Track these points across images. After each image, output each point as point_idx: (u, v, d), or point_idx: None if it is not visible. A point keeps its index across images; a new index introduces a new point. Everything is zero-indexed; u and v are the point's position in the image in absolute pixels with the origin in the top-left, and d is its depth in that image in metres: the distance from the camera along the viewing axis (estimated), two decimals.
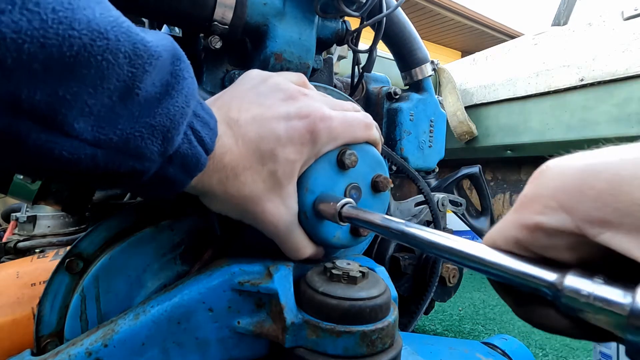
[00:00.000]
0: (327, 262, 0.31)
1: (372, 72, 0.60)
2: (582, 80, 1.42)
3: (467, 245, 0.20)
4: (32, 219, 0.84)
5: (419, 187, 0.60)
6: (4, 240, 0.82)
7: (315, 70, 0.49)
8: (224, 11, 0.38)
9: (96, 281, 0.31)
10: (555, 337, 1.13)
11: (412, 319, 0.62)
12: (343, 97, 0.46)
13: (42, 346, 0.31)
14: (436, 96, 0.66)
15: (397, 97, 0.63)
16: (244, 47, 0.45)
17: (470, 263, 0.19)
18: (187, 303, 0.30)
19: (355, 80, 0.58)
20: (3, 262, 0.56)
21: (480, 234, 0.80)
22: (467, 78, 1.87)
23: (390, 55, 0.66)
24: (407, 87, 0.66)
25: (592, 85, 1.40)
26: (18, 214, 0.85)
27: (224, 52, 0.44)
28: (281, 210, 0.31)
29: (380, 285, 0.30)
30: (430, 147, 0.65)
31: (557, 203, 0.16)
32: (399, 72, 0.66)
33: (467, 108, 1.77)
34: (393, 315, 0.30)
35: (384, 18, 0.51)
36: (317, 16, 0.44)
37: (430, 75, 0.64)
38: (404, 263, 0.62)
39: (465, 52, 7.33)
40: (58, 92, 0.18)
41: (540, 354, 1.03)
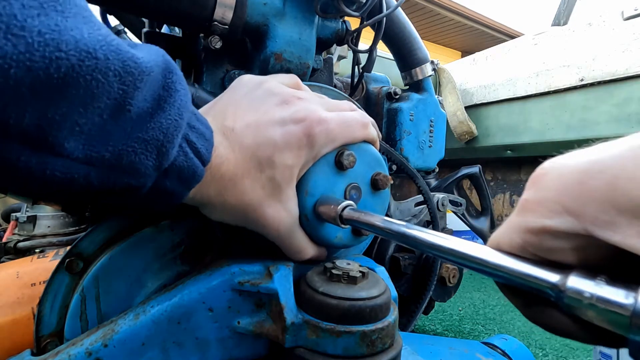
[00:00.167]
0: (327, 262, 0.31)
1: (372, 72, 0.60)
2: (582, 80, 1.42)
3: (469, 247, 0.20)
4: (32, 219, 0.84)
5: (417, 184, 0.60)
6: (4, 240, 0.82)
7: (315, 70, 0.49)
8: (224, 11, 0.38)
9: (96, 281, 0.31)
10: (555, 337, 1.13)
11: (411, 319, 0.62)
12: (340, 96, 0.46)
13: (42, 346, 0.31)
14: (436, 96, 0.66)
15: (397, 97, 0.63)
16: (244, 47, 0.45)
17: (472, 264, 0.19)
18: (187, 303, 0.30)
19: (355, 80, 0.58)
20: (3, 262, 0.56)
21: (480, 234, 0.80)
22: (467, 78, 1.87)
23: (390, 55, 0.66)
24: (407, 87, 0.66)
25: (592, 85, 1.40)
26: (18, 214, 0.85)
27: (224, 52, 0.44)
28: (282, 215, 0.30)
29: (380, 285, 0.30)
30: (430, 147, 0.65)
31: (562, 207, 0.16)
32: (399, 72, 0.66)
33: (467, 108, 1.77)
34: (393, 315, 0.30)
35: (384, 18, 0.51)
36: (317, 16, 0.44)
37: (430, 75, 0.64)
38: (404, 263, 0.62)
39: (465, 52, 7.33)
40: (47, 114, 0.18)
41: (540, 354, 1.03)
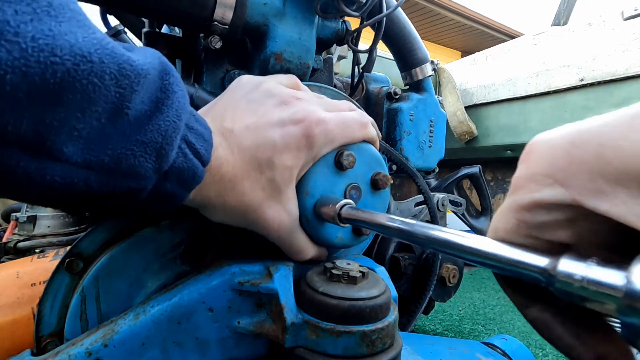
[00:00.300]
0: (327, 262, 0.31)
1: (372, 72, 0.60)
2: (582, 80, 1.42)
3: (461, 237, 0.20)
4: (32, 219, 0.84)
5: (417, 183, 0.60)
6: (4, 240, 0.82)
7: (315, 70, 0.49)
8: (224, 11, 0.38)
9: (96, 281, 0.31)
10: None
11: (411, 319, 0.62)
12: (339, 96, 0.46)
13: (42, 346, 0.31)
14: (436, 96, 0.66)
15: (397, 97, 0.63)
16: (244, 47, 0.45)
17: (464, 254, 0.19)
18: (187, 303, 0.30)
19: (355, 80, 0.58)
20: (3, 262, 0.56)
21: (480, 234, 0.80)
22: (467, 78, 1.87)
23: (390, 55, 0.66)
24: (407, 87, 0.66)
25: (592, 85, 1.40)
26: (18, 214, 0.85)
27: (224, 52, 0.44)
28: (282, 216, 0.30)
29: (380, 285, 0.30)
30: (430, 147, 0.65)
31: (552, 179, 0.16)
32: (399, 72, 0.66)
33: (467, 108, 1.77)
34: (393, 315, 0.30)
35: (384, 18, 0.51)
36: (317, 16, 0.44)
37: (430, 75, 0.64)
38: (404, 263, 0.62)
39: (465, 52, 7.33)
40: (45, 119, 0.18)
41: (540, 354, 1.03)
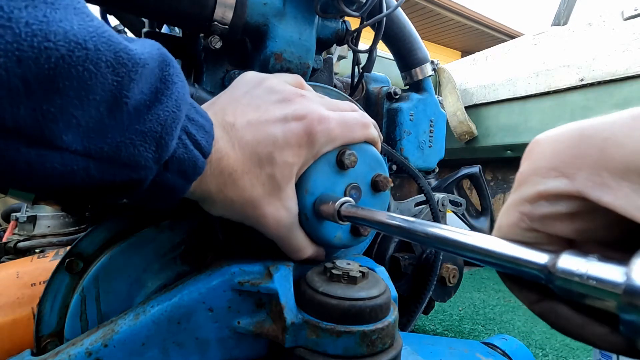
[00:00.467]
0: (327, 262, 0.31)
1: (372, 72, 0.60)
2: (582, 80, 1.42)
3: (461, 235, 0.20)
4: (32, 219, 0.84)
5: (420, 185, 0.60)
6: (4, 240, 0.82)
7: (315, 70, 0.49)
8: (224, 11, 0.38)
9: (96, 281, 0.31)
10: (556, 336, 1.13)
11: (411, 319, 0.62)
12: (341, 97, 0.46)
13: (42, 346, 0.31)
14: (436, 96, 0.66)
15: (397, 97, 0.63)
16: (244, 47, 0.45)
17: (464, 252, 0.19)
18: (187, 303, 0.30)
19: (355, 80, 0.58)
20: (3, 262, 0.56)
21: None
22: (467, 78, 1.87)
23: (390, 55, 0.66)
24: (407, 87, 0.66)
25: (592, 85, 1.40)
26: (18, 214, 0.85)
27: (224, 52, 0.44)
28: (281, 213, 0.30)
29: (380, 285, 0.30)
30: (430, 147, 0.65)
31: (556, 171, 0.17)
32: (399, 72, 0.66)
33: (467, 108, 1.77)
34: (393, 315, 0.30)
35: (384, 18, 0.51)
36: (317, 16, 0.44)
37: (430, 75, 0.64)
38: (404, 263, 0.62)
39: (465, 52, 7.33)
40: (42, 106, 0.18)
41: (540, 354, 1.03)
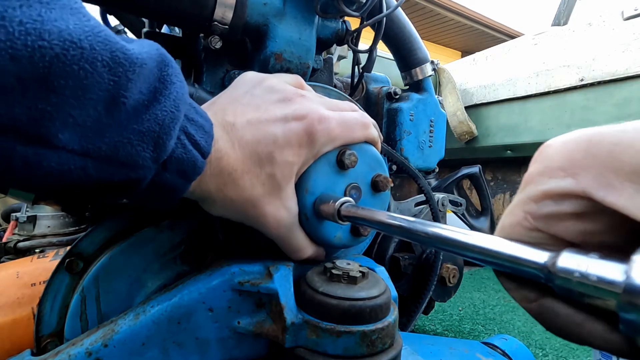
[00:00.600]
0: (327, 262, 0.31)
1: (372, 72, 0.60)
2: (582, 80, 1.42)
3: (461, 234, 0.20)
4: (32, 219, 0.84)
5: (420, 185, 0.60)
6: (4, 240, 0.82)
7: (315, 70, 0.49)
8: (224, 11, 0.38)
9: (96, 281, 0.31)
10: (555, 337, 1.12)
11: (411, 319, 0.62)
12: (341, 97, 0.46)
13: (42, 346, 0.31)
14: (436, 96, 0.66)
15: (397, 97, 0.63)
16: (244, 47, 0.45)
17: (464, 251, 0.19)
18: (187, 303, 0.30)
19: (355, 80, 0.58)
20: (3, 262, 0.56)
21: None
22: (467, 78, 1.87)
23: (390, 55, 0.66)
24: (407, 87, 0.66)
25: (592, 85, 1.40)
26: (18, 214, 0.85)
27: (224, 52, 0.44)
28: (281, 213, 0.30)
29: (380, 285, 0.30)
30: (430, 147, 0.65)
31: (563, 171, 0.17)
32: (399, 72, 0.66)
33: (467, 108, 1.77)
34: (393, 315, 0.30)
35: (384, 18, 0.51)
36: (317, 16, 0.44)
37: (430, 75, 0.64)
38: (404, 263, 0.62)
39: (465, 52, 7.33)
40: (38, 104, 0.18)
41: (540, 354, 1.03)
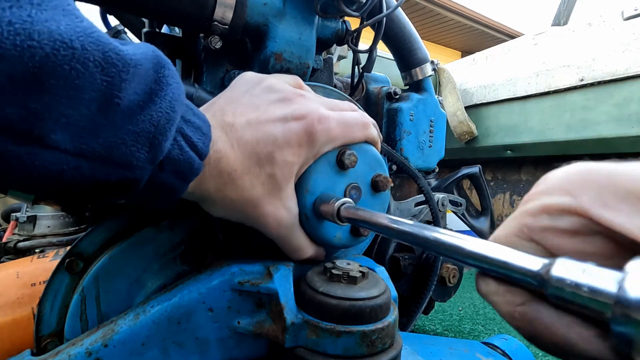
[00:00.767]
0: (327, 262, 0.31)
1: (372, 72, 0.60)
2: (582, 80, 1.42)
3: (455, 238, 0.20)
4: (32, 219, 0.84)
5: (420, 185, 0.60)
6: (4, 240, 0.82)
7: (315, 70, 0.49)
8: (224, 11, 0.38)
9: (96, 281, 0.31)
10: None
11: (411, 319, 0.62)
12: (341, 97, 0.46)
13: (42, 346, 0.31)
14: (436, 96, 0.66)
15: (397, 97, 0.63)
16: (244, 47, 0.45)
17: (457, 255, 0.19)
18: (187, 303, 0.30)
19: (355, 80, 0.58)
20: (3, 262, 0.56)
21: (480, 234, 0.80)
22: (467, 78, 1.87)
23: (390, 55, 0.66)
24: (407, 87, 0.66)
25: (592, 85, 1.40)
26: (18, 214, 0.85)
27: (224, 52, 0.44)
28: (282, 212, 0.30)
29: (380, 285, 0.30)
30: (430, 147, 0.65)
31: (563, 190, 0.18)
32: (399, 72, 0.66)
33: (467, 108, 1.77)
34: (393, 315, 0.30)
35: (384, 18, 0.51)
36: (317, 16, 0.44)
37: (430, 75, 0.64)
38: (404, 263, 0.62)
39: (465, 52, 7.33)
40: (30, 104, 0.18)
41: (541, 354, 1.03)
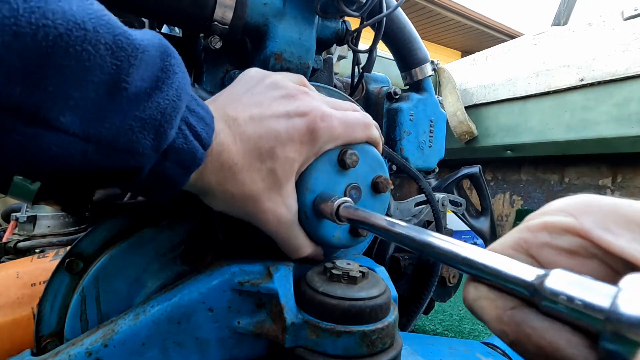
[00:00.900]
0: (327, 262, 0.31)
1: (372, 72, 0.60)
2: (582, 80, 1.42)
3: (451, 244, 0.20)
4: (32, 219, 0.84)
5: (421, 186, 0.60)
6: (4, 240, 0.82)
7: (315, 70, 0.49)
8: (224, 11, 0.38)
9: (96, 281, 0.31)
10: None
11: (411, 319, 0.62)
12: (343, 97, 0.46)
13: (42, 346, 0.31)
14: (436, 96, 0.66)
15: (397, 97, 0.63)
16: (244, 47, 0.45)
17: (452, 262, 0.19)
18: (187, 303, 0.30)
19: (355, 80, 0.58)
20: (3, 262, 0.56)
21: (480, 234, 0.80)
22: (467, 78, 1.87)
23: (390, 55, 0.66)
24: (407, 87, 0.66)
25: (592, 85, 1.40)
26: (18, 214, 0.85)
27: (224, 52, 0.44)
28: (281, 209, 0.30)
29: (380, 285, 0.30)
30: (430, 147, 0.65)
31: (565, 212, 0.18)
32: (399, 72, 0.66)
33: (467, 108, 1.77)
34: (393, 315, 0.30)
35: (384, 18, 0.51)
36: (317, 16, 0.44)
37: (430, 75, 0.64)
38: (404, 263, 0.62)
39: (465, 52, 7.33)
40: (39, 84, 0.18)
41: None
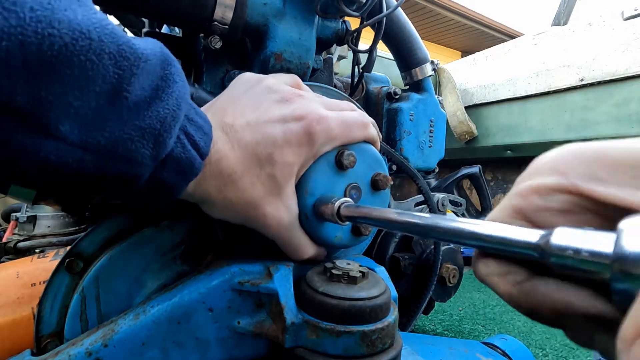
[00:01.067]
0: (327, 262, 0.31)
1: (372, 72, 0.60)
2: (582, 80, 1.42)
3: (453, 222, 0.20)
4: (32, 219, 0.84)
5: (418, 185, 0.60)
6: (4, 240, 0.82)
7: (315, 70, 0.49)
8: (224, 11, 0.38)
9: (96, 281, 0.31)
10: (555, 336, 1.13)
11: (411, 319, 0.62)
12: (341, 97, 0.46)
13: (42, 346, 0.31)
14: (436, 96, 0.66)
15: (397, 97, 0.63)
16: (244, 47, 0.45)
17: (456, 237, 0.20)
18: (187, 303, 0.30)
19: (355, 80, 0.58)
20: (3, 262, 0.56)
21: None
22: (467, 78, 1.87)
23: (390, 55, 0.66)
24: (407, 87, 0.66)
25: (592, 85, 1.40)
26: (18, 214, 0.85)
27: (224, 52, 0.44)
28: (282, 213, 0.30)
29: (380, 285, 0.30)
30: (430, 147, 0.65)
31: (553, 169, 0.18)
32: (399, 72, 0.66)
33: (467, 108, 1.77)
34: (393, 315, 0.30)
35: (384, 18, 0.51)
36: (317, 16, 0.44)
37: (430, 75, 0.64)
38: (404, 263, 0.62)
39: (465, 52, 7.34)
40: (41, 92, 0.18)
41: (540, 354, 1.03)
